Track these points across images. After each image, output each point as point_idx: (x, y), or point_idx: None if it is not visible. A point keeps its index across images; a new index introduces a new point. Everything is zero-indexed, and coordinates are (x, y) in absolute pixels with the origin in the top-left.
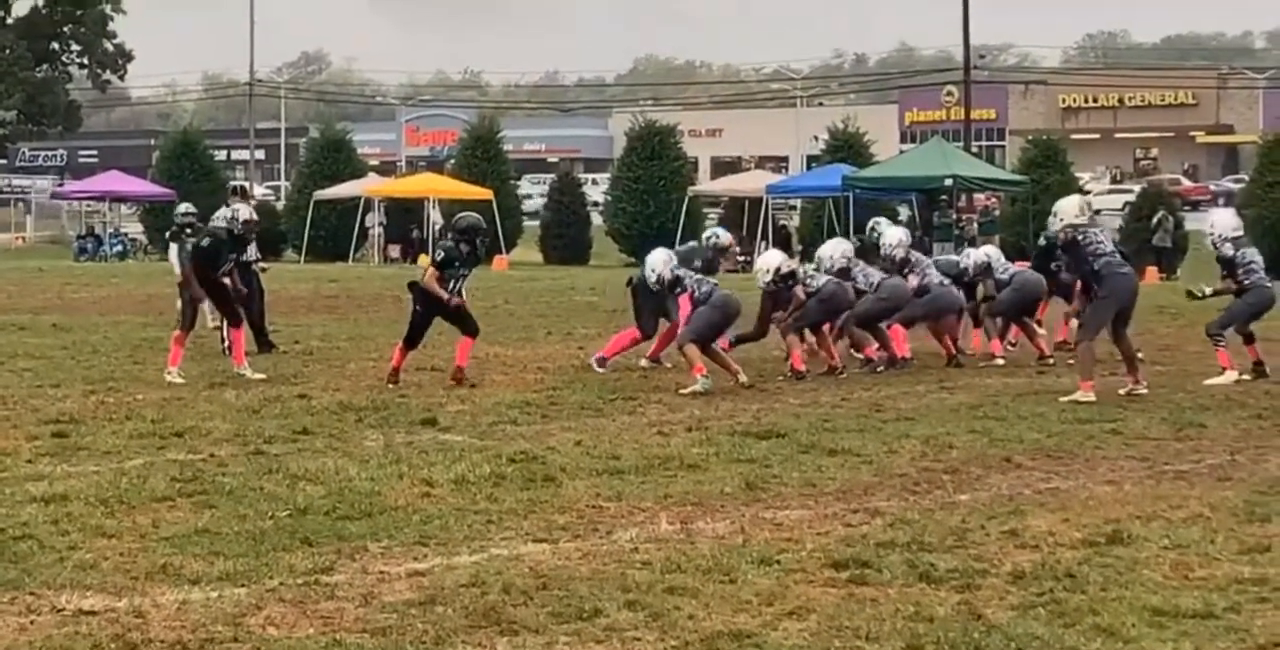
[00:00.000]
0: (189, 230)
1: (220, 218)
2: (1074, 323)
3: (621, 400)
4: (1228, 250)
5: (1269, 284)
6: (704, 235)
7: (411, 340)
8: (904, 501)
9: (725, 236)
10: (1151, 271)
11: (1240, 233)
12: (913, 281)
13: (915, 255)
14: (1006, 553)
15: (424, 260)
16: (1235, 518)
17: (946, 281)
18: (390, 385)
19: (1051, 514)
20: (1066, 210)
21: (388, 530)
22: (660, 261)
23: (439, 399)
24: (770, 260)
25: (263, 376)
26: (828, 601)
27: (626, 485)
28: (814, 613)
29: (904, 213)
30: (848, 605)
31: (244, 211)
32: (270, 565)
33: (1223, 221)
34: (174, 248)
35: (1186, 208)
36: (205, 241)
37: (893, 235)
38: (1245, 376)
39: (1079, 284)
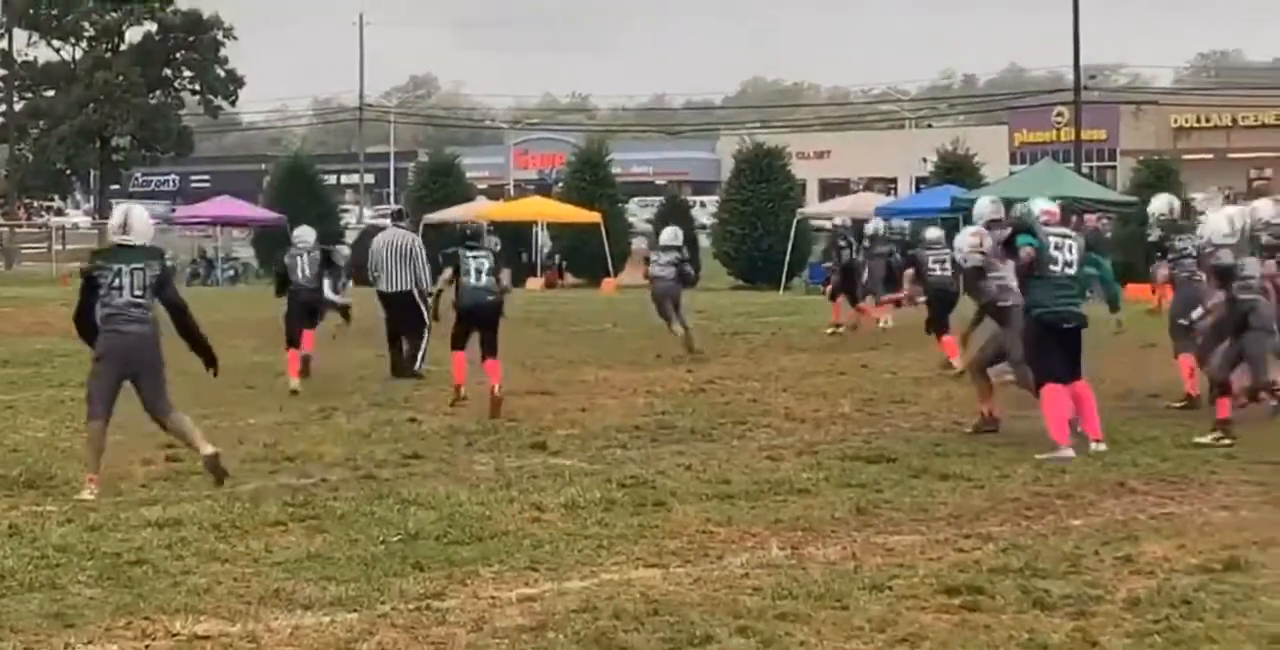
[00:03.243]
0: None
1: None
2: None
3: (731, 424)
4: (1226, 257)
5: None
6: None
7: None
8: (1017, 527)
9: None
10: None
11: (1235, 239)
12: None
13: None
14: (1121, 579)
15: (532, 284)
16: None
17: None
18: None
19: (1167, 540)
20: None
21: (498, 555)
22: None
23: (548, 423)
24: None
25: None
26: (940, 628)
27: (737, 510)
28: (927, 639)
29: None
30: (961, 632)
31: None
32: (382, 590)
33: (1218, 226)
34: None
35: None
36: None
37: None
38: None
39: None
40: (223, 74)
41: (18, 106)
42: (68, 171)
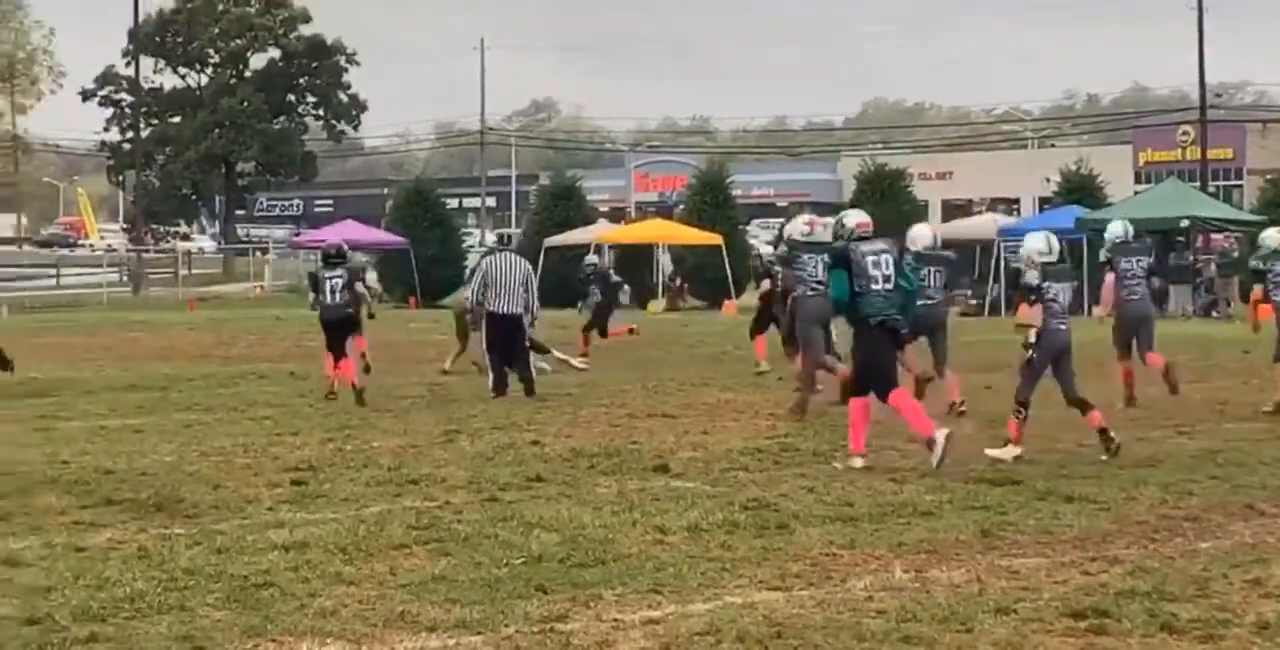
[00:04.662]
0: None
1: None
2: None
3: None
4: (1032, 277)
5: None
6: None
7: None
8: (1143, 549)
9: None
10: None
11: (1054, 257)
12: None
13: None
14: (1250, 602)
15: (653, 306)
16: None
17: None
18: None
19: None
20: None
21: (622, 578)
22: None
23: (671, 445)
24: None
25: None
26: None
27: (860, 533)
28: None
29: None
30: None
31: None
32: (506, 613)
33: (1033, 245)
34: None
35: None
36: None
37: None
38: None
39: None
40: (346, 99)
41: (144, 133)
42: (194, 197)
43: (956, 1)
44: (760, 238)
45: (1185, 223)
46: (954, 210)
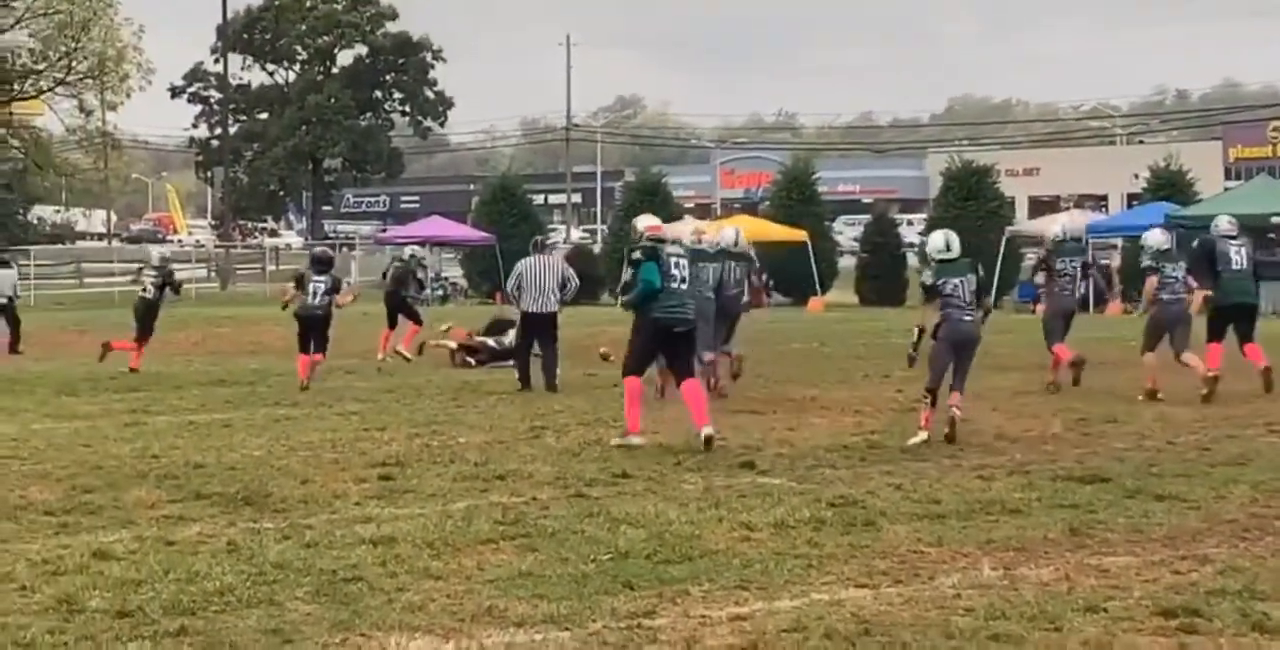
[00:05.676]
0: None
1: None
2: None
3: (941, 444)
4: (926, 277)
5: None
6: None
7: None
8: (1234, 548)
9: None
10: None
11: (952, 254)
12: None
13: None
14: None
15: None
16: None
17: None
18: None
19: None
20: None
21: (708, 574)
22: None
23: (757, 442)
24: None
25: None
26: None
27: (948, 530)
28: None
29: None
30: None
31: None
32: (593, 608)
33: (933, 242)
34: None
35: None
36: None
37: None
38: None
39: None
40: (432, 95)
41: (233, 129)
42: (281, 193)
43: None
44: (845, 234)
45: (1277, 219)
46: (1041, 206)
